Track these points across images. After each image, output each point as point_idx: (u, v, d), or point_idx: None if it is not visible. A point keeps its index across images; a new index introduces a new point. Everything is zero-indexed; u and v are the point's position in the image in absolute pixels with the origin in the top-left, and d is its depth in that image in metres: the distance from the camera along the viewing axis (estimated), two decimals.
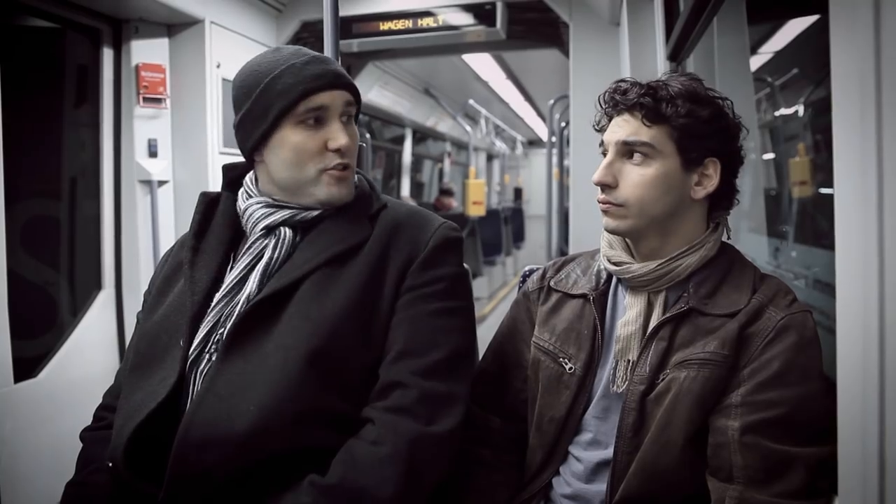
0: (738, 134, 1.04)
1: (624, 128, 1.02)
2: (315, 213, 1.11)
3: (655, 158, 1.00)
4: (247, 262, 1.09)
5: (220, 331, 1.04)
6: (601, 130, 1.08)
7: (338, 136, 1.08)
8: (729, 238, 1.09)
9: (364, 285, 1.05)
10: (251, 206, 1.12)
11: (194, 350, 1.04)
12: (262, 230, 1.10)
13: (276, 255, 1.08)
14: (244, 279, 1.08)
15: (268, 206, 1.11)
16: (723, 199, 1.05)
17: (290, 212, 1.11)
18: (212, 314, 1.06)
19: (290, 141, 1.07)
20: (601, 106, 1.07)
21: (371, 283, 1.06)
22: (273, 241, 1.09)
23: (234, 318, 1.04)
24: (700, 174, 1.02)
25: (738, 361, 0.94)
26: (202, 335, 1.05)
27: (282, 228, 1.10)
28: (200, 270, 1.11)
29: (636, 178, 1.01)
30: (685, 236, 1.04)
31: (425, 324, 1.05)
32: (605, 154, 1.06)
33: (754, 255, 2.20)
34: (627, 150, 1.02)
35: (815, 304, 1.57)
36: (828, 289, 1.58)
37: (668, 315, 1.00)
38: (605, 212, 1.05)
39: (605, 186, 1.03)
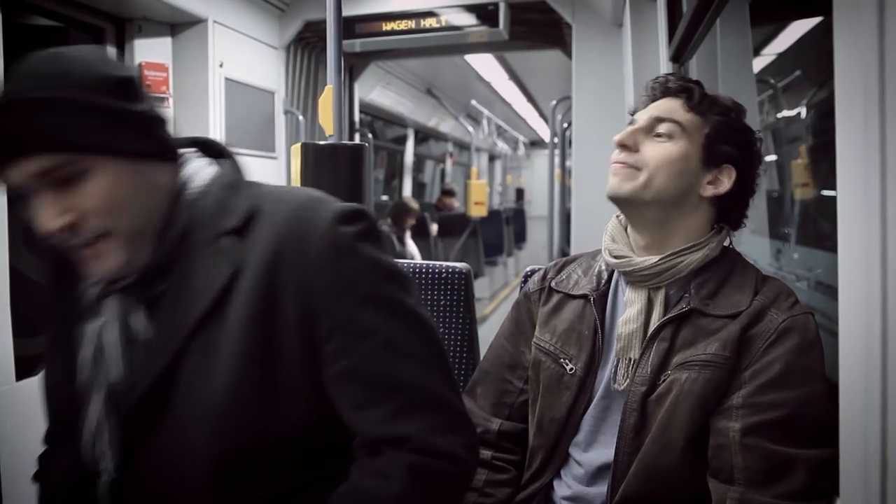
0: (759, 161, 1.07)
1: (663, 105, 1.05)
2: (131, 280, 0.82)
3: (681, 139, 1.02)
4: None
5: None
6: (632, 115, 1.10)
7: (40, 216, 0.77)
8: (731, 244, 1.09)
9: (253, 342, 0.79)
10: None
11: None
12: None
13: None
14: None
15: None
16: (731, 211, 1.06)
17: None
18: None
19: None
20: (644, 93, 1.10)
21: (262, 332, 0.80)
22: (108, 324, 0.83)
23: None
24: (715, 175, 1.03)
25: (740, 363, 0.94)
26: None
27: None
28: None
29: (657, 149, 1.02)
30: (687, 234, 1.04)
31: (377, 366, 0.81)
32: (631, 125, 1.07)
33: (756, 257, 2.20)
34: (656, 125, 1.04)
35: (818, 306, 1.57)
36: (830, 291, 1.57)
37: (669, 315, 1.00)
38: (614, 174, 1.04)
39: (625, 148, 1.04)
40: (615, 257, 1.07)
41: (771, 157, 2.79)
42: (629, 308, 1.04)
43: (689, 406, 0.94)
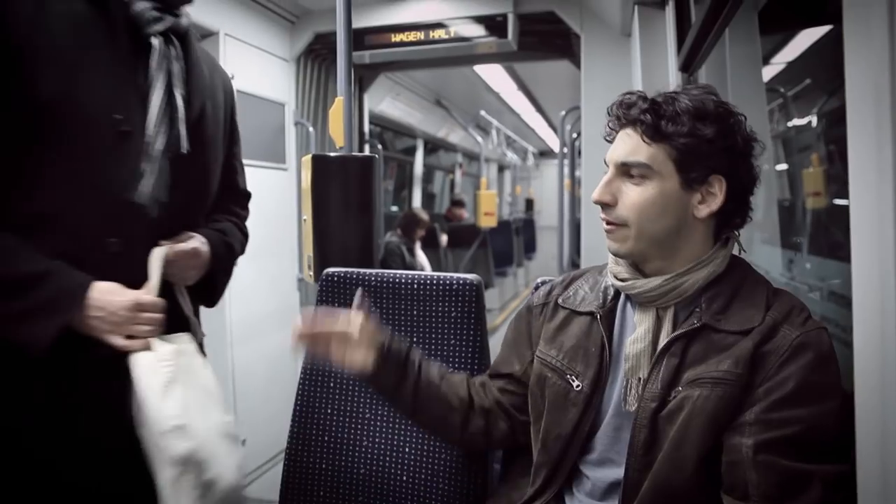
0: (748, 151, 1.01)
1: (625, 144, 1.01)
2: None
3: (653, 178, 0.99)
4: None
5: None
6: (611, 141, 1.07)
7: None
8: (742, 252, 1.07)
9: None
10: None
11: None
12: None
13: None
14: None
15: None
16: (732, 216, 1.03)
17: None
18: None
19: None
20: (609, 116, 1.06)
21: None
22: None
23: None
24: (704, 192, 0.99)
25: (753, 380, 0.92)
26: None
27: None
28: None
29: (634, 197, 1.00)
30: (690, 254, 1.02)
31: None
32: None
33: (768, 267, 2.18)
34: (626, 169, 1.01)
35: (831, 317, 1.55)
36: (843, 301, 1.56)
37: (680, 331, 0.99)
38: (607, 232, 1.04)
39: (605, 205, 1.03)
40: (620, 280, 1.06)
41: (782, 167, 2.78)
42: (638, 327, 1.03)
43: (701, 424, 0.93)
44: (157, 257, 1.13)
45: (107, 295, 1.05)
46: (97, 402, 1.10)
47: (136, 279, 1.10)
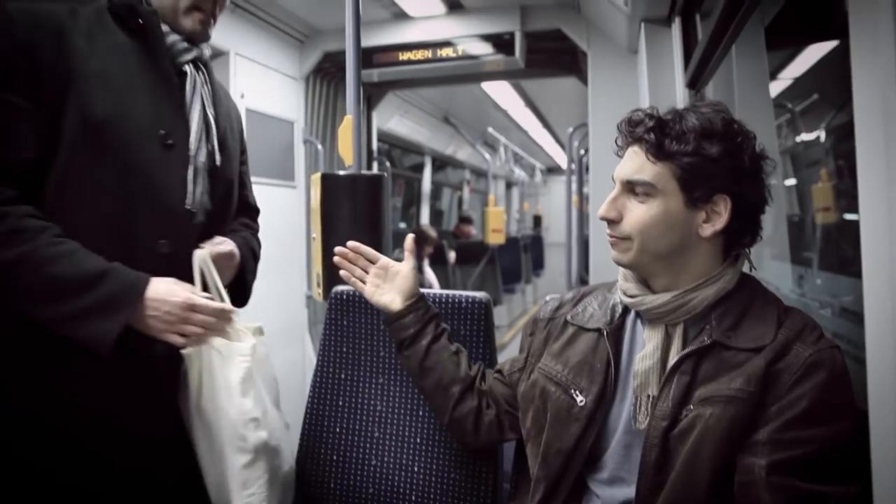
0: (756, 170, 1.00)
1: (631, 161, 1.02)
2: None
3: (656, 196, 0.99)
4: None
5: None
6: (621, 157, 1.08)
7: None
8: (752, 270, 1.06)
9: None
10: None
11: None
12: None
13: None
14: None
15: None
16: (741, 234, 1.02)
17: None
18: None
19: None
20: (619, 132, 1.07)
21: None
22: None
23: None
24: (709, 211, 0.99)
25: (766, 398, 0.91)
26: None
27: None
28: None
29: (638, 214, 1.01)
30: (696, 272, 1.02)
31: None
32: None
33: (778, 283, 2.17)
34: (631, 187, 1.02)
35: (843, 334, 1.54)
36: (856, 317, 1.54)
37: (690, 348, 0.98)
38: (611, 247, 1.06)
39: (610, 221, 1.04)
40: (629, 296, 1.06)
41: (790, 182, 2.77)
42: (647, 344, 1.03)
43: (714, 443, 0.92)
44: (199, 259, 1.23)
45: (162, 293, 1.13)
46: (149, 397, 1.21)
47: (182, 279, 1.20)
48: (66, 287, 1.07)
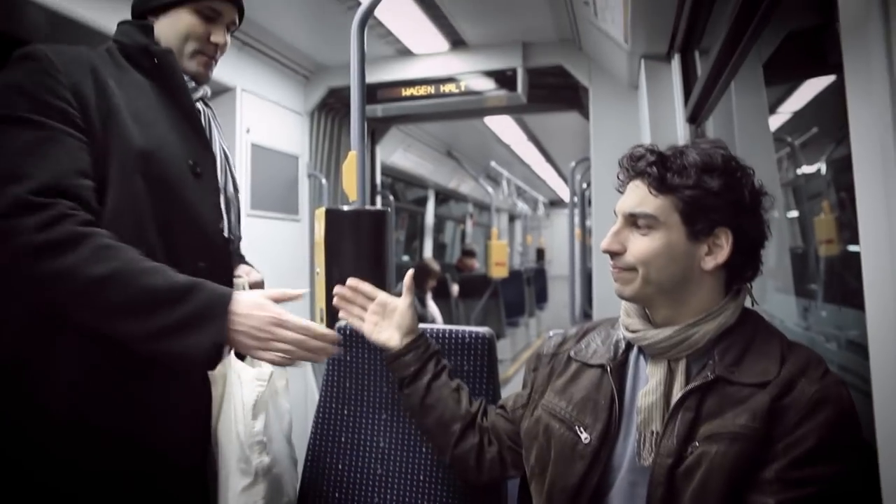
0: (756, 205, 1.02)
1: (633, 195, 1.04)
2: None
3: (659, 229, 1.01)
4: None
5: None
6: (622, 192, 1.09)
7: (219, 35, 1.34)
8: (754, 305, 1.06)
9: None
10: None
11: None
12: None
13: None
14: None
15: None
16: (742, 268, 1.03)
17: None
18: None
19: (184, 21, 1.30)
20: (620, 168, 1.09)
21: None
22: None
23: None
24: (710, 244, 1.01)
25: (771, 434, 0.90)
26: None
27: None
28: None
29: (641, 246, 1.02)
30: (698, 305, 1.02)
31: None
32: None
33: (783, 316, 2.16)
34: (634, 219, 1.03)
35: (851, 367, 1.52)
36: (863, 350, 1.53)
37: (693, 384, 0.98)
38: (614, 279, 1.06)
39: (613, 253, 1.05)
40: (631, 331, 1.07)
41: (793, 214, 2.78)
42: (650, 380, 1.03)
43: (720, 481, 0.90)
44: (239, 288, 1.29)
45: (249, 307, 1.12)
46: (182, 421, 1.22)
47: None
48: (160, 299, 1.07)
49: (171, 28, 1.31)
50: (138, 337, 1.07)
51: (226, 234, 1.33)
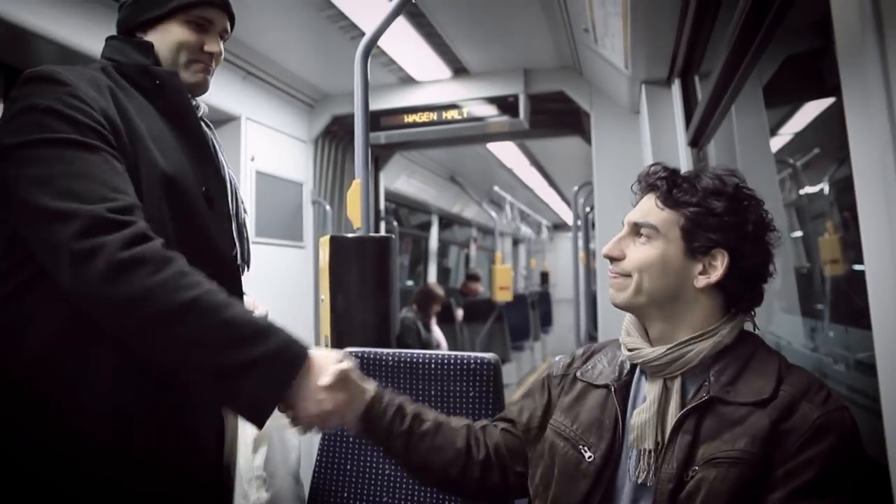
0: (759, 235, 1.02)
1: (642, 207, 1.07)
2: None
3: (658, 240, 1.03)
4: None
5: None
6: (635, 205, 1.12)
7: (213, 44, 1.29)
8: (756, 330, 1.06)
9: None
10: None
11: None
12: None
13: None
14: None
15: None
16: (739, 294, 1.03)
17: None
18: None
19: (175, 33, 1.25)
20: (637, 183, 1.12)
21: None
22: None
23: None
24: (706, 263, 1.02)
25: (772, 457, 0.89)
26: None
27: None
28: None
29: (638, 253, 1.04)
30: (693, 323, 1.02)
31: None
32: None
33: (790, 338, 2.15)
34: (637, 228, 1.06)
35: (860, 387, 1.51)
36: (871, 371, 1.52)
37: (689, 406, 0.97)
38: (610, 285, 1.09)
39: (613, 259, 1.07)
40: (629, 349, 1.07)
41: (797, 234, 2.78)
42: (647, 398, 1.03)
43: None
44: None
45: (323, 359, 1.06)
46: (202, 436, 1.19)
47: None
48: (239, 335, 1.01)
49: (161, 41, 1.26)
50: (209, 371, 1.00)
51: (239, 261, 1.29)
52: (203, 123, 1.32)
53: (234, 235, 1.28)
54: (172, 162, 1.17)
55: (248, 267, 1.33)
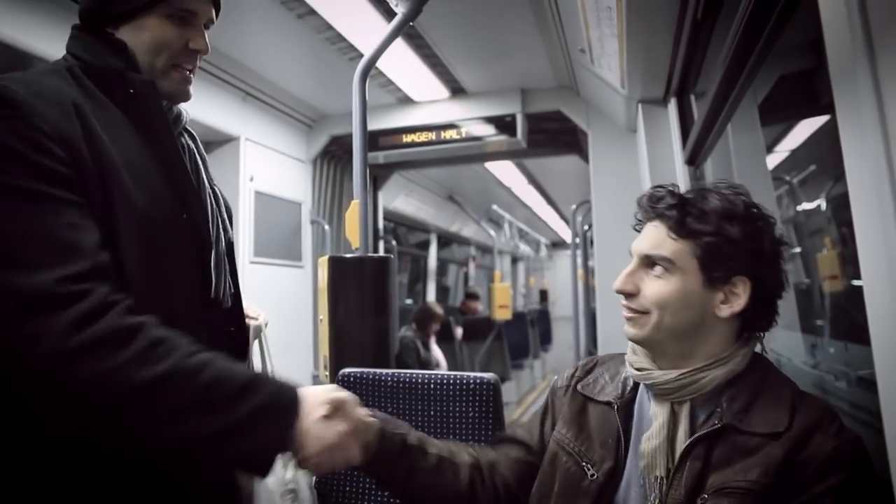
0: (776, 256, 0.99)
1: (651, 236, 1.01)
2: None
3: (675, 273, 0.98)
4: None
5: None
6: (639, 231, 1.07)
7: (199, 40, 1.11)
8: (764, 352, 1.04)
9: None
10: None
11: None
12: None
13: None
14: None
15: None
16: (757, 318, 1.00)
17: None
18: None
19: (154, 29, 1.07)
20: (639, 207, 1.07)
21: None
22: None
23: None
24: (727, 292, 0.98)
25: (784, 488, 0.88)
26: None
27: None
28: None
29: (655, 289, 0.99)
30: (708, 352, 0.99)
31: None
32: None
33: (790, 355, 2.15)
34: (649, 261, 1.01)
35: (862, 404, 1.51)
36: (872, 387, 1.52)
37: (701, 433, 0.95)
38: (626, 319, 1.03)
39: (627, 294, 1.02)
40: (637, 369, 1.04)
41: (795, 250, 2.79)
42: (654, 422, 1.00)
43: None
44: (255, 331, 1.27)
45: (317, 396, 0.98)
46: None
47: None
48: (223, 396, 0.90)
49: (137, 39, 1.07)
50: (202, 440, 0.89)
51: (221, 295, 1.14)
52: (186, 133, 1.17)
53: (213, 269, 1.11)
54: (147, 191, 1.01)
55: (230, 300, 1.18)
